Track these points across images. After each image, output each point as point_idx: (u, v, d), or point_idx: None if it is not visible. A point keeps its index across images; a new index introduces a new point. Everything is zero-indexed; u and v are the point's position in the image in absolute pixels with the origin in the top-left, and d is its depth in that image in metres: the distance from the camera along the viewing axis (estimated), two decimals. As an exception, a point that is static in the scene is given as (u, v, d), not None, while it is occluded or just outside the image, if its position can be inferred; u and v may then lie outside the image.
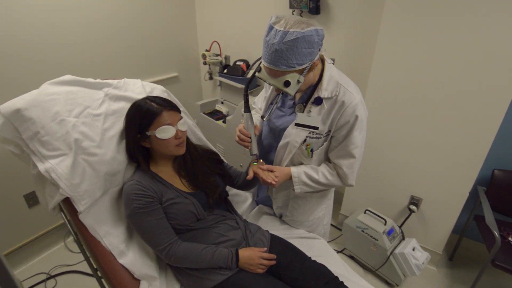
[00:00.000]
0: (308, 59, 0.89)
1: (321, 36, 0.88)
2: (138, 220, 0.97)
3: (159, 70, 2.45)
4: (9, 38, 1.56)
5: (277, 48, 0.85)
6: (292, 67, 0.88)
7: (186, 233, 1.03)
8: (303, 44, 0.85)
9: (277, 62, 0.87)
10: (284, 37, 0.84)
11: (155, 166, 1.07)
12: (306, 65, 0.89)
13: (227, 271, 0.98)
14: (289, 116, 1.11)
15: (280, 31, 0.84)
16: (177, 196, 1.02)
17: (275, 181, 1.03)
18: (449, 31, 1.41)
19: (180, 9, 2.46)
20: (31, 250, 1.93)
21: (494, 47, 1.34)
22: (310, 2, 1.88)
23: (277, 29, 0.85)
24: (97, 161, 0.99)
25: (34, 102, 0.95)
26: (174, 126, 1.00)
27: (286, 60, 0.86)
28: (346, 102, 0.98)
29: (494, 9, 1.29)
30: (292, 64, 0.87)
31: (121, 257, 1.00)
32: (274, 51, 0.86)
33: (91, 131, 1.01)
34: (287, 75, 0.89)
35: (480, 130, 1.50)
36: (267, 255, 1.02)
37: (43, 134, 0.94)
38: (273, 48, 0.85)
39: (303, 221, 1.27)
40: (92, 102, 1.07)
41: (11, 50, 1.59)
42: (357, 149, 1.03)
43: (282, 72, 0.89)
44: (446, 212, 1.75)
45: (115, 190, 1.08)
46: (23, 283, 1.80)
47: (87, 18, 1.88)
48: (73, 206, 0.96)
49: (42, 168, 0.92)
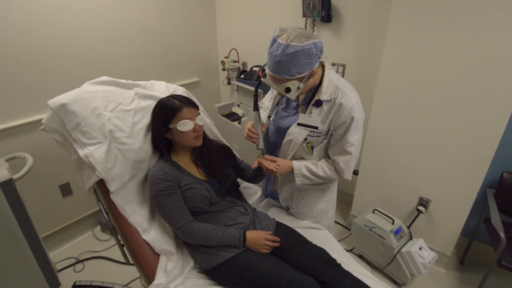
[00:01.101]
0: (307, 69, 1.00)
1: (319, 48, 0.99)
2: (159, 201, 1.11)
3: (182, 75, 2.66)
4: (52, 43, 1.80)
5: (279, 60, 0.97)
6: (292, 75, 1.00)
7: (200, 215, 1.17)
8: (302, 56, 0.96)
9: (279, 71, 0.99)
10: (286, 50, 0.95)
11: (175, 156, 1.22)
12: (306, 73, 1.01)
13: (235, 249, 1.10)
14: (292, 116, 1.23)
15: (282, 44, 0.96)
16: (193, 182, 1.16)
17: (276, 168, 1.15)
18: (454, 34, 1.47)
19: (203, 22, 2.68)
20: (63, 236, 2.13)
21: (499, 49, 1.39)
22: (322, 11, 2.00)
23: (280, 42, 0.96)
24: (127, 149, 1.15)
25: (76, 98, 1.12)
26: (193, 120, 1.14)
27: (287, 70, 0.98)
28: (344, 104, 1.09)
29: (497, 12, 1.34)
30: (292, 73, 0.99)
31: (144, 234, 1.15)
32: (277, 62, 0.98)
33: (123, 124, 1.18)
34: (288, 83, 1.01)
35: (486, 131, 1.53)
36: (271, 237, 1.14)
37: (83, 125, 1.10)
38: (275, 59, 0.98)
39: (307, 212, 1.37)
40: (124, 100, 1.23)
41: (59, 56, 1.83)
42: (353, 147, 1.13)
43: (283, 80, 1.01)
44: (454, 214, 1.77)
45: (141, 175, 1.23)
46: (55, 265, 2.00)
47: (124, 33, 2.15)
48: (106, 188, 1.12)
49: (82, 154, 1.09)
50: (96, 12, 1.94)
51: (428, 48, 1.56)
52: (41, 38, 1.73)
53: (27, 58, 1.70)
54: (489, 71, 1.44)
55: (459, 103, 1.57)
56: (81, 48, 1.92)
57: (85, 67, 1.96)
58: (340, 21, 2.04)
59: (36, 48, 1.72)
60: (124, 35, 2.14)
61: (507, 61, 1.39)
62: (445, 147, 1.68)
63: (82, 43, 1.92)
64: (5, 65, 1.62)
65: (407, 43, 1.62)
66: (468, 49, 1.46)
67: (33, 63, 1.73)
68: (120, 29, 2.10)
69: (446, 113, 1.62)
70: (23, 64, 1.69)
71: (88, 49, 1.96)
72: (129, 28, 2.15)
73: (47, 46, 1.76)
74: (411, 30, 1.58)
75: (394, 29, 1.64)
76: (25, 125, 1.76)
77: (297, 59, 0.96)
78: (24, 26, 1.65)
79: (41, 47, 1.74)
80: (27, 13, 1.64)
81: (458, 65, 1.51)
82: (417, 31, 1.57)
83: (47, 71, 1.80)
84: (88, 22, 1.92)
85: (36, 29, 1.70)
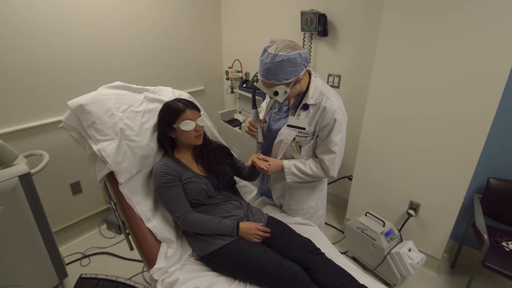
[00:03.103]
0: (293, 75, 1.14)
1: (303, 58, 1.13)
2: (162, 192, 1.23)
3: (189, 84, 2.83)
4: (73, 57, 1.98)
5: (268, 67, 1.11)
6: (280, 81, 1.14)
7: (199, 207, 1.29)
8: (288, 64, 1.11)
9: (268, 76, 1.14)
10: (274, 59, 1.10)
11: (178, 153, 1.35)
12: (292, 79, 1.15)
13: (229, 238, 1.21)
14: (284, 119, 1.37)
15: (271, 53, 1.11)
16: (193, 176, 1.29)
17: (267, 168, 1.27)
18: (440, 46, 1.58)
19: (210, 35, 2.88)
20: (72, 232, 2.25)
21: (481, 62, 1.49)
22: (319, 25, 2.15)
23: (269, 51, 1.11)
24: (136, 146, 1.29)
25: (93, 99, 1.27)
26: (195, 121, 1.28)
27: (275, 75, 1.12)
28: (327, 108, 1.22)
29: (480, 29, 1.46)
30: (279, 79, 1.13)
31: (148, 222, 1.27)
32: (266, 69, 1.12)
33: (133, 123, 1.32)
34: (276, 87, 1.15)
35: (470, 139, 1.62)
36: (263, 228, 1.24)
37: (98, 123, 1.25)
38: (265, 66, 1.12)
39: (298, 209, 1.48)
40: (135, 102, 1.38)
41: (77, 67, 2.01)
42: (336, 146, 1.25)
43: (272, 84, 1.15)
44: (443, 218, 1.84)
45: (147, 170, 1.37)
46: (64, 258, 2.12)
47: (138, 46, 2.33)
48: (115, 180, 1.26)
49: (96, 148, 1.23)
50: (113, 28, 2.13)
51: (416, 59, 1.68)
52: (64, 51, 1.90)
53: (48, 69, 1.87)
54: (472, 80, 1.54)
55: (445, 111, 1.66)
56: (97, 60, 2.09)
57: (100, 77, 2.13)
58: (335, 35, 2.19)
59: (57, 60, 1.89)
60: (137, 46, 2.31)
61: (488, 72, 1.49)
62: (433, 154, 1.77)
63: (99, 55, 2.09)
64: (29, 73, 1.79)
65: (396, 54, 1.74)
66: (453, 61, 1.57)
67: (53, 73, 1.89)
68: (133, 41, 2.28)
69: (434, 121, 1.72)
70: (44, 73, 1.86)
71: (104, 61, 2.14)
72: (143, 41, 2.34)
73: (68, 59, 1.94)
74: (400, 41, 1.70)
75: (383, 44, 1.77)
76: (43, 126, 1.92)
77: (284, 67, 1.10)
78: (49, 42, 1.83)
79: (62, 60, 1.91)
80: (52, 31, 1.82)
81: (444, 76, 1.62)
82: (405, 42, 1.68)
83: (66, 79, 1.96)
84: (106, 36, 2.10)
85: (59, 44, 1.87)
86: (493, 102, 1.52)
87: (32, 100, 1.85)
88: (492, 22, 1.43)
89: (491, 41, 1.45)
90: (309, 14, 2.13)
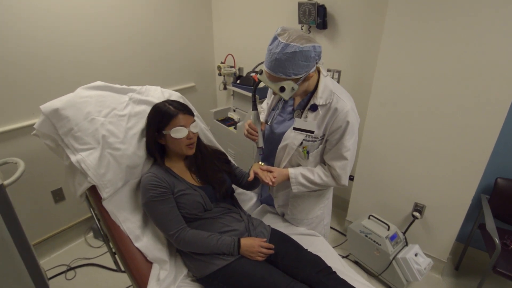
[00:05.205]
0: (304, 71, 1.01)
1: (317, 52, 1.00)
2: (152, 208, 1.09)
3: (178, 80, 2.65)
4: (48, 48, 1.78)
5: (277, 57, 0.97)
6: (288, 75, 1.00)
7: (194, 222, 1.15)
8: (301, 58, 0.97)
9: (276, 69, 0.99)
10: (285, 49, 0.96)
11: (169, 161, 1.21)
12: (301, 75, 1.01)
13: (229, 257, 1.09)
14: (288, 121, 1.23)
15: (282, 42, 0.96)
16: (187, 188, 1.15)
17: (273, 181, 1.13)
18: (449, 42, 1.49)
19: (200, 26, 2.69)
20: (55, 243, 2.09)
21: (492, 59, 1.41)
22: (318, 18, 2.01)
23: (280, 40, 0.97)
24: (120, 155, 1.13)
25: (70, 103, 1.11)
26: (187, 128, 1.13)
27: (284, 68, 0.98)
28: (339, 109, 1.09)
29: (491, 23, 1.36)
30: (288, 73, 0.99)
31: (136, 241, 1.12)
32: (275, 60, 0.98)
33: (116, 129, 1.16)
34: (283, 82, 1.01)
35: (480, 138, 1.55)
36: (266, 245, 1.12)
37: (76, 130, 1.09)
38: (274, 56, 0.98)
39: (302, 219, 1.36)
40: (118, 105, 1.22)
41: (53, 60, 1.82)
42: (348, 152, 1.13)
43: (279, 78, 1.01)
44: (449, 220, 1.78)
45: (134, 182, 1.22)
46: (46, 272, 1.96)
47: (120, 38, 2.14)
48: (98, 194, 1.10)
49: (74, 159, 1.07)
50: (91, 16, 1.93)
51: (423, 56, 1.58)
52: (35, 41, 1.71)
53: (21, 62, 1.68)
54: (483, 78, 1.46)
55: (454, 110, 1.58)
56: (75, 53, 1.91)
57: (79, 71, 1.95)
58: (335, 27, 2.06)
59: (30, 52, 1.70)
60: (119, 39, 2.13)
61: (499, 70, 1.41)
62: (440, 153, 1.69)
63: (76, 47, 1.90)
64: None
65: (402, 50, 1.63)
66: (462, 58, 1.48)
67: (27, 66, 1.71)
68: (115, 34, 2.10)
69: (441, 120, 1.63)
70: (17, 67, 1.67)
71: (83, 53, 1.95)
72: (124, 32, 2.15)
73: (41, 49, 1.75)
74: (405, 37, 1.60)
75: (388, 37, 1.65)
76: (18, 129, 1.74)
77: (295, 60, 0.97)
78: (17, 29, 1.63)
79: (35, 51, 1.72)
80: (21, 17, 1.63)
81: (453, 73, 1.53)
82: (412, 40, 1.58)
83: (41, 75, 1.78)
84: (83, 26, 1.91)
85: (30, 33, 1.68)
86: (504, 101, 1.44)
87: (3, 101, 1.66)
88: (506, 18, 1.33)
89: (504, 39, 1.36)
90: (307, 5, 2.00)
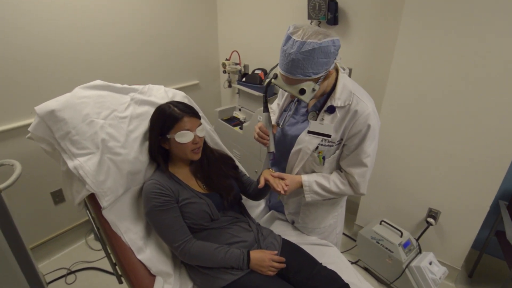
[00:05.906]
0: (324, 69, 0.92)
1: (337, 47, 0.91)
2: (156, 218, 1.02)
3: (181, 78, 2.56)
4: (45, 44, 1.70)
5: (294, 58, 0.88)
6: (308, 76, 0.91)
7: (200, 233, 1.07)
8: (320, 55, 0.88)
9: (294, 71, 0.91)
10: (302, 47, 0.87)
11: (173, 167, 1.13)
12: (322, 74, 0.93)
13: (238, 272, 1.01)
14: (301, 124, 1.14)
15: (297, 41, 0.88)
16: (192, 196, 1.07)
17: (285, 190, 1.05)
18: (470, 40, 1.40)
19: (204, 22, 2.59)
20: (55, 246, 2.03)
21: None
22: (329, 13, 1.91)
23: (295, 39, 0.88)
24: (121, 160, 1.06)
25: (67, 104, 1.03)
26: (193, 131, 1.05)
27: (302, 69, 0.90)
28: (359, 112, 1.00)
29: None
30: (308, 73, 0.91)
31: (139, 253, 1.05)
32: (291, 61, 0.89)
33: (117, 132, 1.08)
34: (303, 84, 0.93)
35: (501, 143, 1.46)
36: (277, 258, 1.04)
37: (73, 133, 1.01)
38: (290, 57, 0.89)
39: (314, 228, 1.28)
40: (119, 106, 1.14)
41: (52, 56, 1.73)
42: (369, 158, 1.04)
43: (298, 80, 0.93)
44: (465, 227, 1.70)
45: (136, 189, 1.14)
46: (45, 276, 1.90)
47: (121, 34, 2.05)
48: (98, 202, 1.03)
49: (71, 165, 0.99)
50: (91, 11, 1.85)
51: (441, 56, 1.49)
52: (32, 37, 1.63)
53: (18, 59, 1.60)
54: (504, 80, 1.37)
55: (473, 113, 1.49)
56: (75, 49, 1.82)
57: (79, 69, 1.87)
58: (347, 23, 1.96)
59: (27, 48, 1.62)
60: (120, 35, 2.04)
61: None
62: (457, 157, 1.61)
63: (76, 43, 1.82)
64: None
65: (418, 50, 1.54)
66: (484, 58, 1.39)
67: (24, 63, 1.63)
68: (116, 29, 2.01)
69: (459, 122, 1.55)
70: (13, 64, 1.59)
71: (82, 50, 1.86)
72: (126, 28, 2.06)
73: (39, 46, 1.66)
74: (423, 36, 1.50)
75: (405, 35, 1.56)
76: (15, 129, 1.67)
77: (314, 58, 0.88)
78: (14, 25, 1.55)
79: (33, 47, 1.64)
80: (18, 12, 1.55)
81: (472, 74, 1.44)
82: (429, 38, 1.49)
83: (39, 72, 1.70)
84: (83, 22, 1.82)
85: (27, 28, 1.60)
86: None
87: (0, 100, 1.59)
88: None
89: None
90: (317, 0, 1.89)
